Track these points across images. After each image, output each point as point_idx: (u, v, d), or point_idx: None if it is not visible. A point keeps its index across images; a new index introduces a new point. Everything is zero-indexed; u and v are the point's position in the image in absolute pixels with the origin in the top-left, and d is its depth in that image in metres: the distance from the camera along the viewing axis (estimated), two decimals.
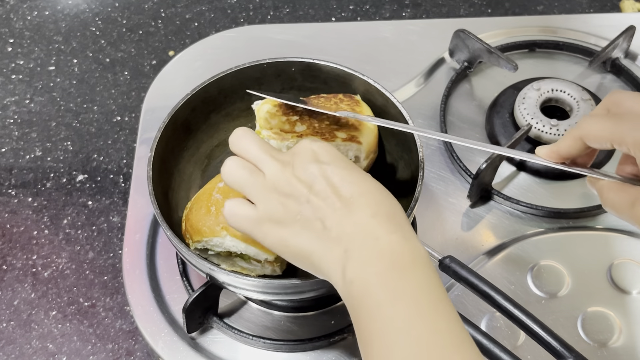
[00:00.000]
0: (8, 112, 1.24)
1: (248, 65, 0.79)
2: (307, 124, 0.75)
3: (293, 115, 0.76)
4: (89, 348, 0.97)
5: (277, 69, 0.80)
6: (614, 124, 0.54)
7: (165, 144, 0.74)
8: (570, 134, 0.58)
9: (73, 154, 1.18)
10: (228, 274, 0.63)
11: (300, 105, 0.73)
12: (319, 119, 0.75)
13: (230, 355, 0.74)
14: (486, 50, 0.93)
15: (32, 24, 1.40)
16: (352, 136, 0.73)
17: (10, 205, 1.11)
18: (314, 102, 0.77)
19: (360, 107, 0.76)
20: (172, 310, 0.77)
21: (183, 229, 0.71)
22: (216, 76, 0.78)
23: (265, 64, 0.80)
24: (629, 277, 0.77)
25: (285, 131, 0.75)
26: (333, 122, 0.74)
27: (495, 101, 0.94)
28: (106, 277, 1.03)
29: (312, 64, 0.79)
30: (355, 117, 0.71)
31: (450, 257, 0.63)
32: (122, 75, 1.30)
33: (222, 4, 1.44)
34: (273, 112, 0.77)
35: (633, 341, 0.72)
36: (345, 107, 0.76)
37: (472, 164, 0.87)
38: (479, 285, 0.61)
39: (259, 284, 0.63)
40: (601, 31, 1.03)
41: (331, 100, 0.77)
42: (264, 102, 0.79)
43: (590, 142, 0.56)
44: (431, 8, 1.43)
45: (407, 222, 0.53)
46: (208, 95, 0.79)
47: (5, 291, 1.02)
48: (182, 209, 0.77)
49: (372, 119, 0.71)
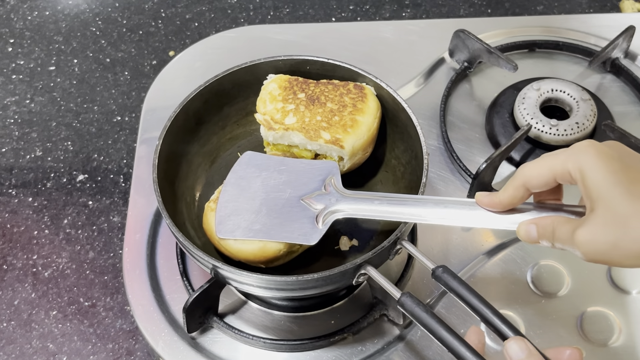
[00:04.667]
0: (8, 112, 1.25)
1: (264, 60, 0.80)
2: (299, 117, 0.75)
3: (290, 104, 0.76)
4: (89, 348, 0.97)
5: (292, 65, 0.81)
6: (550, 158, 0.55)
7: (175, 134, 0.75)
8: (510, 184, 0.57)
9: (73, 154, 1.18)
10: (231, 271, 0.63)
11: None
12: (312, 113, 0.75)
13: (230, 355, 0.74)
14: (486, 50, 0.93)
15: (33, 24, 1.40)
16: (336, 139, 0.74)
17: (11, 205, 1.11)
18: (321, 87, 0.78)
19: (363, 103, 0.76)
20: (172, 310, 0.77)
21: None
22: (231, 69, 0.79)
23: (281, 61, 0.80)
24: (628, 277, 0.77)
25: (275, 120, 0.75)
26: (325, 120, 0.75)
27: (495, 101, 0.94)
28: (106, 277, 1.03)
29: (327, 63, 0.80)
30: None
31: (444, 267, 0.62)
32: (122, 75, 1.30)
33: (222, 4, 1.44)
34: (275, 94, 0.78)
35: (633, 341, 0.73)
36: (349, 100, 0.76)
37: (472, 164, 0.87)
38: (469, 298, 0.60)
39: (261, 280, 0.63)
40: (601, 31, 1.03)
41: (339, 90, 0.78)
42: (272, 80, 0.79)
43: (532, 185, 0.56)
44: (431, 8, 1.43)
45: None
46: (222, 88, 0.80)
47: (5, 291, 1.02)
48: (187, 198, 0.77)
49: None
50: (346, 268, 0.63)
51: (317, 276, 0.62)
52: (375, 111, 0.77)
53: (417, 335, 0.74)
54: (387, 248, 0.64)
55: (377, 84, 0.78)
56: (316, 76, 0.81)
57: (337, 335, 0.73)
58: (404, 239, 0.66)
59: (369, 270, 0.64)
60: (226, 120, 0.84)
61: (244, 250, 0.68)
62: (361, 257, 0.63)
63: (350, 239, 0.76)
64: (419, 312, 0.59)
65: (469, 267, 0.79)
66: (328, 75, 0.81)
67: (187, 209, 0.78)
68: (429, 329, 0.58)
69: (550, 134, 0.86)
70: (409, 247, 0.66)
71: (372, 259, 0.64)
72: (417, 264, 0.79)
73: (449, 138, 0.90)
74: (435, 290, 0.77)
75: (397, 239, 0.65)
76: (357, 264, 0.63)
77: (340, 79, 0.80)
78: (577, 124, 0.86)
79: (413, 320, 0.60)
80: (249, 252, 0.68)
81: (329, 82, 0.79)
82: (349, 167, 0.76)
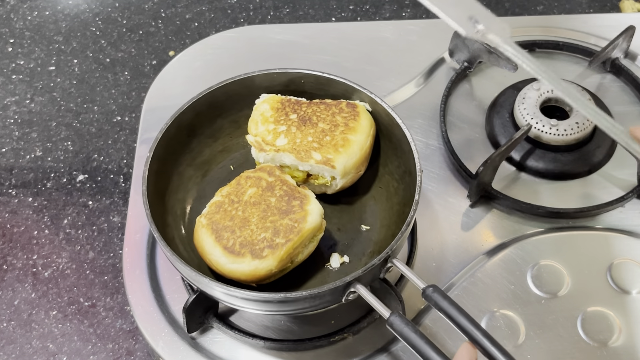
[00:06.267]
0: (8, 112, 1.25)
1: (258, 73, 0.79)
2: (290, 138, 0.75)
3: (282, 125, 0.76)
4: (89, 348, 0.97)
5: (287, 78, 0.80)
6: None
7: (166, 146, 0.74)
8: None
9: (73, 154, 1.18)
10: (219, 288, 0.63)
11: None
12: (303, 134, 0.75)
13: (230, 355, 0.74)
14: (486, 50, 0.93)
15: (33, 24, 1.40)
16: (327, 159, 0.73)
17: (11, 205, 1.11)
18: (314, 107, 0.77)
19: (355, 122, 0.76)
20: (172, 310, 0.77)
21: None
22: (224, 82, 0.78)
23: (275, 74, 0.79)
24: (628, 277, 0.77)
25: (266, 142, 0.75)
26: (316, 141, 0.75)
27: (495, 101, 0.94)
28: (106, 277, 1.03)
29: (321, 77, 0.79)
30: None
31: (434, 287, 0.62)
32: (122, 75, 1.30)
33: (222, 4, 1.44)
34: (267, 115, 0.77)
35: (633, 341, 0.72)
36: (341, 119, 0.76)
37: (472, 164, 0.87)
38: (458, 319, 0.60)
39: (249, 296, 0.62)
40: (601, 31, 1.03)
41: (331, 109, 0.77)
42: (263, 101, 0.79)
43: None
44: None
45: None
46: (215, 100, 0.79)
47: (5, 291, 1.02)
48: (177, 211, 0.77)
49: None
50: (335, 286, 0.62)
51: (305, 294, 0.62)
52: (368, 129, 0.76)
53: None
54: (377, 266, 0.64)
55: (372, 99, 0.77)
56: (310, 90, 0.80)
57: (337, 335, 0.73)
58: (395, 257, 0.65)
59: (359, 288, 0.63)
60: (219, 132, 0.83)
61: (235, 270, 0.67)
62: (350, 275, 0.62)
63: (341, 255, 0.75)
64: (408, 333, 0.59)
65: (469, 267, 0.79)
66: (323, 89, 0.80)
67: (176, 222, 0.77)
68: (417, 349, 0.59)
69: (550, 134, 0.86)
70: (400, 266, 0.65)
71: (362, 277, 0.63)
72: (417, 260, 0.79)
73: (449, 138, 0.90)
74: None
75: (388, 257, 0.64)
76: (347, 282, 0.62)
77: (334, 93, 0.79)
78: (577, 124, 0.86)
79: (401, 340, 0.60)
80: (240, 273, 0.67)
81: (321, 102, 0.78)
82: (341, 185, 0.76)
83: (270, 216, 0.69)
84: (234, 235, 0.69)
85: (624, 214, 0.83)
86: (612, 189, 0.85)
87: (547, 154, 0.87)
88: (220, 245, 0.68)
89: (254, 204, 0.71)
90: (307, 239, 0.69)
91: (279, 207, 0.70)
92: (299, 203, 0.70)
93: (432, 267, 0.79)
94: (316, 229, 0.70)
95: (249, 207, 0.71)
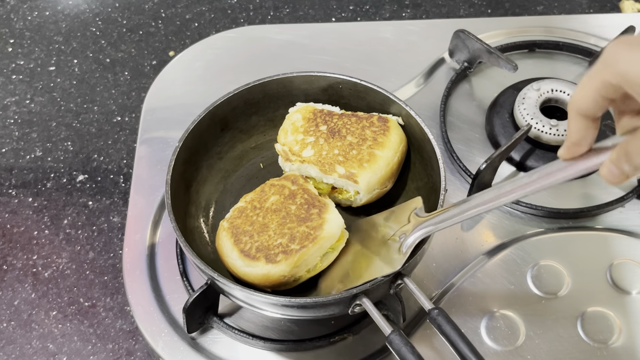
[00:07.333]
0: (8, 112, 1.25)
1: (297, 74, 0.80)
2: (317, 150, 0.75)
3: (310, 136, 0.76)
4: (89, 348, 0.97)
5: (326, 82, 0.81)
6: (587, 76, 0.49)
7: (198, 136, 0.75)
8: (568, 121, 0.52)
9: (73, 154, 1.18)
10: (226, 284, 0.63)
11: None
12: (330, 146, 0.75)
13: (230, 355, 0.74)
14: (486, 50, 0.93)
15: (33, 24, 1.40)
16: (350, 174, 0.73)
17: (11, 205, 1.11)
18: (345, 119, 0.78)
19: (385, 137, 0.75)
20: (172, 310, 0.77)
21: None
22: (262, 80, 0.79)
23: (314, 76, 0.80)
24: (628, 277, 0.77)
25: (292, 152, 0.75)
26: (342, 154, 0.75)
27: (495, 101, 0.94)
28: (106, 277, 1.03)
29: (359, 84, 0.79)
30: None
31: (439, 310, 0.62)
32: (122, 76, 1.30)
33: (222, 4, 1.44)
34: (297, 125, 0.78)
35: (633, 341, 0.72)
36: (370, 133, 0.75)
37: (472, 164, 0.87)
38: (459, 346, 0.60)
39: (256, 297, 0.63)
40: (601, 31, 1.03)
41: (361, 123, 0.77)
42: (297, 110, 0.79)
43: (584, 108, 0.50)
44: (431, 8, 1.43)
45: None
46: (251, 97, 0.80)
47: (5, 291, 1.02)
48: (202, 202, 0.78)
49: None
50: (341, 297, 0.62)
51: (310, 301, 0.62)
52: (397, 145, 0.76)
53: (417, 336, 0.74)
54: (386, 282, 0.64)
55: (407, 112, 0.77)
56: (348, 96, 0.80)
57: (337, 335, 0.73)
58: (407, 275, 0.65)
59: (364, 301, 0.63)
60: (253, 129, 0.84)
61: (249, 274, 0.69)
62: (358, 288, 0.62)
63: None
64: (405, 353, 0.60)
65: (469, 267, 0.79)
66: (360, 96, 0.80)
67: (199, 213, 0.78)
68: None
69: (550, 134, 0.86)
70: (410, 285, 0.65)
71: (369, 290, 0.63)
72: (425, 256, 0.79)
73: (449, 138, 0.90)
74: (436, 291, 0.77)
75: (399, 273, 0.64)
76: (353, 294, 0.62)
77: (370, 101, 0.79)
78: None
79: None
80: (253, 276, 0.69)
81: (353, 114, 0.78)
82: (366, 200, 0.76)
83: (289, 223, 0.70)
84: (252, 239, 0.70)
85: (624, 214, 0.83)
86: (612, 189, 0.85)
87: (547, 154, 0.87)
88: (237, 248, 0.70)
89: (274, 210, 0.72)
90: (323, 247, 0.70)
91: (298, 215, 0.71)
92: (317, 211, 0.71)
93: (432, 267, 0.79)
94: (333, 238, 0.70)
95: (270, 214, 0.72)
